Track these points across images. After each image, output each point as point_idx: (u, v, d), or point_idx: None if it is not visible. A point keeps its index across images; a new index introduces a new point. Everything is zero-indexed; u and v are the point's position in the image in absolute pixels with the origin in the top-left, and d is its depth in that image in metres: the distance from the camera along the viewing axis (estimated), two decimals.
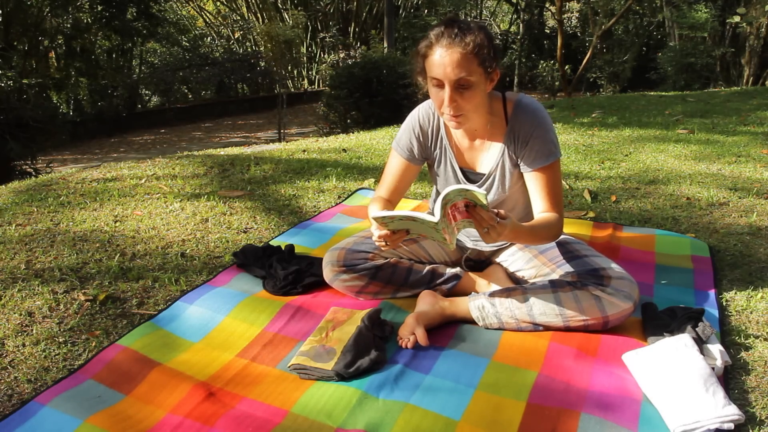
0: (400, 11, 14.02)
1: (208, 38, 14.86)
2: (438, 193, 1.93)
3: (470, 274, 1.88)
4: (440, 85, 1.54)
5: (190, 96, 13.95)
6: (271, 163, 3.55)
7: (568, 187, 3.04)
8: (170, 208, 2.65)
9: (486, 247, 1.91)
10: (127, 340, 1.62)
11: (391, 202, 1.85)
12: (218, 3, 15.62)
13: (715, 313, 1.74)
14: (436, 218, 1.36)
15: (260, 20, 13.66)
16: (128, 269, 2.05)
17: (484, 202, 1.36)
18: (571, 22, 16.12)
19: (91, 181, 3.13)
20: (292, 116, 11.34)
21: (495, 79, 1.59)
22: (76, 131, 9.89)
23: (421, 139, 1.79)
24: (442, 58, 1.50)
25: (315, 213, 2.66)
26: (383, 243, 1.53)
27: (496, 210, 1.42)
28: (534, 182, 1.68)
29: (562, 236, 1.81)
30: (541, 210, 1.68)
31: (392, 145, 1.85)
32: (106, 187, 2.99)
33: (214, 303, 1.80)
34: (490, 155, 1.73)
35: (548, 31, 16.96)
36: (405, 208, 2.67)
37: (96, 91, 11.18)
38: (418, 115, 1.79)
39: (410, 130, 1.79)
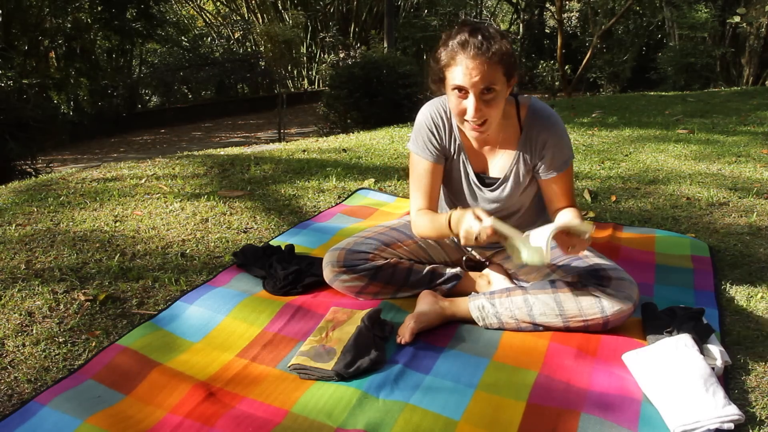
0: (400, 11, 14.01)
1: (208, 38, 14.84)
2: (449, 198, 1.89)
3: (470, 274, 1.88)
4: (464, 94, 1.52)
5: (190, 96, 13.93)
6: (271, 163, 3.55)
7: None
8: (170, 208, 2.64)
9: (488, 248, 1.91)
10: (127, 340, 1.62)
11: (433, 211, 1.78)
12: (218, 3, 15.62)
13: (715, 313, 1.74)
14: (545, 259, 1.42)
15: (260, 20, 13.65)
16: (128, 269, 2.05)
17: (588, 234, 1.45)
18: (571, 22, 16.11)
19: (91, 181, 3.13)
20: (292, 116, 11.33)
21: (512, 85, 1.58)
22: (76, 131, 9.87)
23: (437, 137, 1.74)
24: (468, 68, 1.47)
25: (315, 213, 2.66)
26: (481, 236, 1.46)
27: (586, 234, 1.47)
28: (552, 185, 1.71)
29: None
30: (560, 207, 1.72)
31: (412, 151, 1.78)
32: (106, 187, 2.99)
33: (214, 303, 1.80)
34: (503, 159, 1.72)
35: (548, 31, 16.96)
36: (404, 208, 2.67)
37: (96, 92, 11.17)
38: (429, 114, 1.74)
39: (426, 130, 1.74)
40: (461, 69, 1.48)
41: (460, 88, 1.51)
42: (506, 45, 1.50)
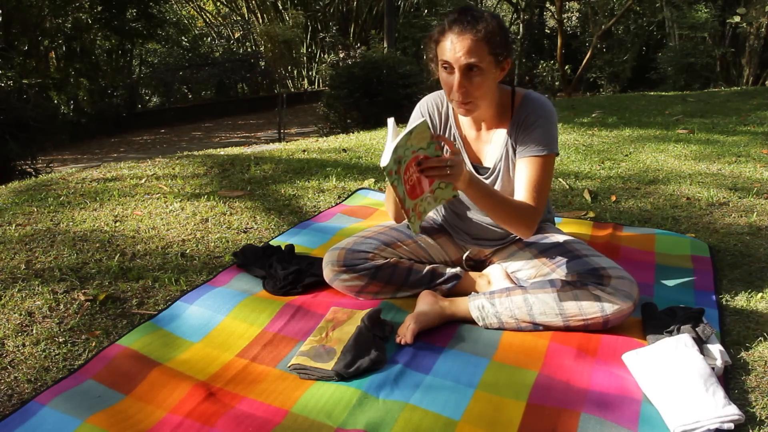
0: (400, 11, 14.01)
1: (208, 38, 14.85)
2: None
3: (470, 274, 1.88)
4: (450, 70, 1.56)
5: (190, 96, 13.94)
6: (271, 163, 3.55)
7: (568, 187, 3.04)
8: (170, 208, 2.65)
9: (487, 246, 1.91)
10: (127, 340, 1.62)
11: None
12: (218, 3, 15.62)
13: (715, 313, 1.74)
14: (383, 162, 1.35)
15: (260, 20, 13.65)
16: (128, 269, 2.05)
17: (429, 131, 1.40)
18: (571, 22, 16.12)
19: (91, 181, 3.13)
20: (292, 116, 11.33)
21: (506, 68, 1.61)
22: (76, 131, 9.88)
23: (432, 124, 1.78)
24: (453, 43, 1.53)
25: (315, 213, 2.66)
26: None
27: (444, 146, 1.46)
28: (522, 169, 1.67)
29: (562, 236, 1.81)
30: (520, 199, 1.66)
31: None
32: (106, 187, 2.99)
33: (214, 303, 1.80)
34: (494, 146, 1.74)
35: (548, 31, 16.96)
36: None
37: (96, 92, 11.18)
38: (426, 104, 1.80)
39: (421, 117, 1.77)
40: (448, 44, 1.55)
41: (445, 64, 1.57)
42: (494, 25, 1.54)
